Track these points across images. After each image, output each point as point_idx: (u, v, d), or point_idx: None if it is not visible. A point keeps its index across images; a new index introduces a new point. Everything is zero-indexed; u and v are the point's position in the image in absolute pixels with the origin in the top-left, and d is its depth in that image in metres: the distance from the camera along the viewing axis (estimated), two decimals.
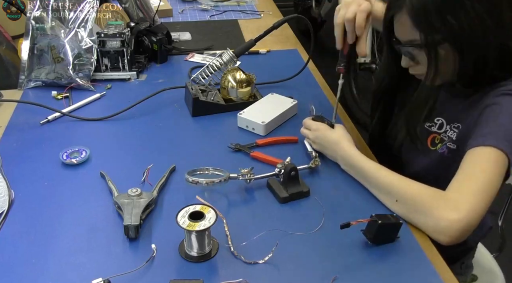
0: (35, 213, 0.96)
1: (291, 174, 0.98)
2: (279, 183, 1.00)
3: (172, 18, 2.01)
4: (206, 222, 0.81)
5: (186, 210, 0.84)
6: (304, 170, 1.05)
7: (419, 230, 0.92)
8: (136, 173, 1.05)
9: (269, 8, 2.14)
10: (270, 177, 1.02)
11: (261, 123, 1.18)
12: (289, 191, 0.98)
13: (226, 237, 0.88)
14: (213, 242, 0.87)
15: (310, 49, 1.44)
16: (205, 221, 0.82)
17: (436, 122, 1.07)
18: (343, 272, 0.82)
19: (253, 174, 1.00)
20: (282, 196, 0.98)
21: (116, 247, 0.88)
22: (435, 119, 1.07)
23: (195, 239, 0.83)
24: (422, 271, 0.84)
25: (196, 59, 1.62)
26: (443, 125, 1.06)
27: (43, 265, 0.84)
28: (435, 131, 1.07)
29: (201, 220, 0.82)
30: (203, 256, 0.84)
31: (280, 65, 1.25)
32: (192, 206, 0.85)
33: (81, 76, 1.42)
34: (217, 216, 0.83)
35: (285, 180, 0.99)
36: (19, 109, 1.31)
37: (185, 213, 0.83)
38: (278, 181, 1.01)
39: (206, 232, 0.83)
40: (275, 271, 0.83)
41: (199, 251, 0.84)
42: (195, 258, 0.84)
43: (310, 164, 1.05)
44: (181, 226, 0.80)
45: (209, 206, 0.85)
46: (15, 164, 1.09)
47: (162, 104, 1.33)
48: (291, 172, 0.98)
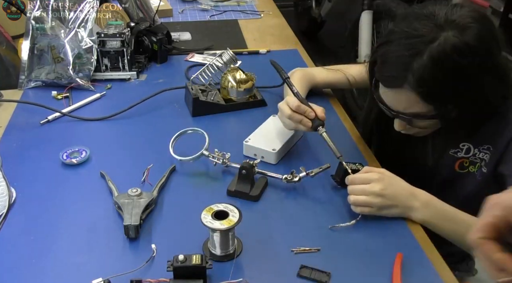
0: (35, 213, 0.96)
1: (241, 171, 0.99)
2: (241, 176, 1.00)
3: (172, 18, 2.01)
4: (229, 222, 0.81)
5: (209, 209, 0.84)
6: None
7: (419, 230, 0.93)
8: (136, 173, 1.05)
9: (269, 8, 2.14)
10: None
11: (272, 150, 1.09)
12: (237, 187, 0.99)
13: None
14: (237, 241, 0.87)
15: (309, 49, 1.44)
16: (228, 220, 0.82)
17: (461, 147, 1.04)
18: (341, 274, 0.82)
19: (226, 159, 1.02)
20: (229, 188, 0.99)
21: (116, 247, 0.88)
22: (460, 145, 1.04)
23: (218, 238, 0.83)
24: (422, 271, 0.84)
25: (196, 59, 1.62)
26: (470, 150, 1.03)
27: (43, 265, 0.84)
28: (462, 157, 1.04)
29: (224, 219, 0.82)
30: (227, 255, 0.85)
31: (280, 65, 1.25)
32: (215, 205, 0.85)
33: (81, 76, 1.42)
34: (241, 216, 0.82)
35: (239, 176, 0.99)
36: (19, 109, 1.31)
37: (208, 212, 0.83)
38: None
39: (230, 232, 0.83)
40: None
41: (223, 250, 0.84)
42: (218, 257, 0.85)
43: (283, 176, 1.00)
44: (205, 224, 0.81)
45: (233, 206, 0.85)
46: (15, 164, 1.09)
47: (162, 104, 1.33)
48: (242, 170, 0.99)
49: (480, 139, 1.01)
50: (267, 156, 1.10)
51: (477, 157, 1.02)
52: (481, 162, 1.02)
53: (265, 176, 1.03)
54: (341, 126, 1.26)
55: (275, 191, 1.02)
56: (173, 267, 0.76)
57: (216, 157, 1.04)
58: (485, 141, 1.00)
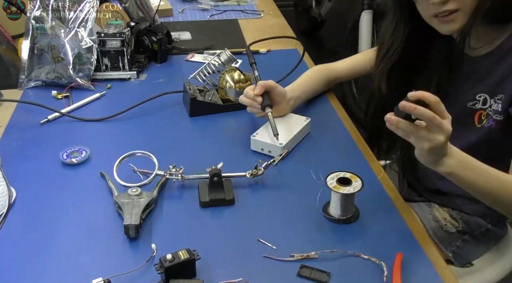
0: (35, 213, 0.96)
1: (213, 179, 0.97)
2: (207, 186, 0.99)
3: (172, 17, 2.01)
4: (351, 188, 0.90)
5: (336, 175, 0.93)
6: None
7: (418, 229, 0.93)
8: (136, 173, 1.05)
9: (269, 7, 2.14)
10: (201, 179, 1.00)
11: (279, 144, 1.10)
12: (210, 196, 0.98)
13: None
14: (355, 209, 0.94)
15: (314, 45, 1.44)
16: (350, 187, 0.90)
17: (478, 99, 1.04)
18: (341, 274, 0.82)
19: (183, 174, 1.00)
20: (203, 200, 0.97)
21: (116, 247, 0.88)
22: (477, 96, 1.04)
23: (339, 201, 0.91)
24: (422, 271, 0.84)
25: (196, 59, 1.62)
26: (487, 100, 1.03)
27: (43, 265, 0.84)
28: (480, 108, 1.04)
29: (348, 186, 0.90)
30: (346, 219, 0.92)
31: (280, 65, 1.25)
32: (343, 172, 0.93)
33: (81, 75, 1.42)
34: (363, 184, 0.91)
35: (210, 184, 0.98)
36: (19, 109, 1.31)
37: (335, 177, 0.92)
38: (206, 184, 0.99)
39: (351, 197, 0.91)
40: None
41: (343, 214, 0.92)
42: (335, 219, 0.93)
43: (247, 172, 1.01)
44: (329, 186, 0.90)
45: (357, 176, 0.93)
46: (15, 164, 1.09)
47: (162, 104, 1.33)
48: (213, 177, 0.97)
49: (493, 88, 1.01)
50: (274, 150, 1.11)
51: (492, 108, 1.02)
52: (493, 113, 1.02)
53: (229, 178, 1.01)
54: (341, 126, 1.26)
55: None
56: (165, 268, 0.76)
57: (174, 174, 1.00)
58: (499, 90, 1.00)
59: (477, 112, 1.05)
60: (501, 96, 1.00)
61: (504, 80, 0.99)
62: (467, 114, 1.06)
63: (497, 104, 1.01)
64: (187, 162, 1.08)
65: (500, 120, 1.01)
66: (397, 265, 0.82)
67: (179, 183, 1.02)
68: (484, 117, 1.04)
